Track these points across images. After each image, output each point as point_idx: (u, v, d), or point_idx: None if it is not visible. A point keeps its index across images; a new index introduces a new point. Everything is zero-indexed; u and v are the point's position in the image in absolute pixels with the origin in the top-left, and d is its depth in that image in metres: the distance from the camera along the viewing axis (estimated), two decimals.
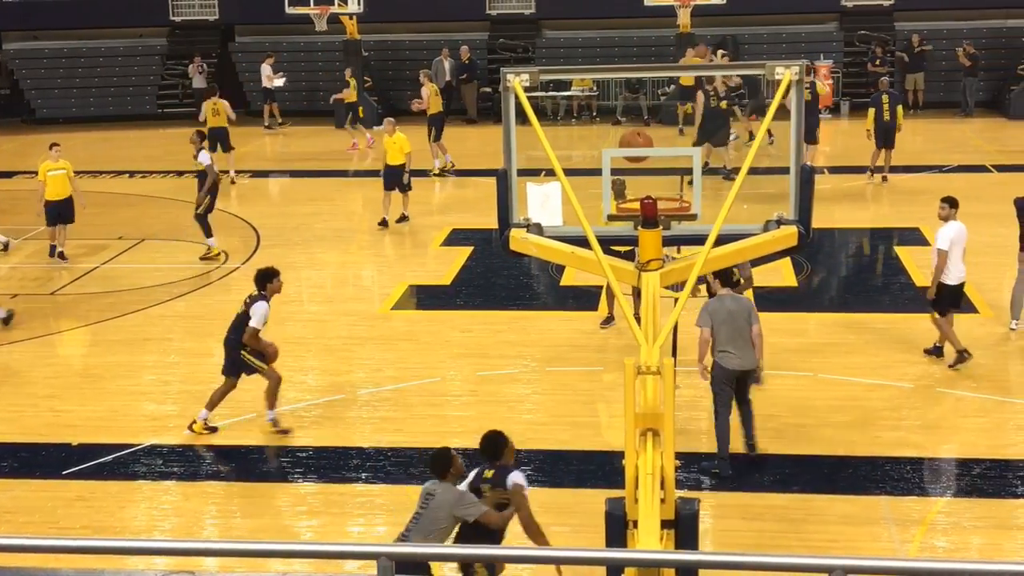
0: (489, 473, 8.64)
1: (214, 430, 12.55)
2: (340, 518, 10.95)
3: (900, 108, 22.61)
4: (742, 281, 12.57)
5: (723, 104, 22.91)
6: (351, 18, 30.69)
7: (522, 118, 8.81)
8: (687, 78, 27.07)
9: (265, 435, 12.53)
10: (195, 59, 32.91)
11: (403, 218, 20.69)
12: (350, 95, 28.19)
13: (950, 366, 13.65)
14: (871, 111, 22.48)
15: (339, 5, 30.28)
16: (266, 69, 31.05)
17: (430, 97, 25.52)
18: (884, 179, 22.72)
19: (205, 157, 18.91)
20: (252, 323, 12.18)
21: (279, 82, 30.77)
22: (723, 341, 11.38)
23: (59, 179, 18.85)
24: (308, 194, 24.13)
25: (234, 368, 12.47)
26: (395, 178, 20.45)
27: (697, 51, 27.80)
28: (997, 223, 19.54)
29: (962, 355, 13.61)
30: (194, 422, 12.52)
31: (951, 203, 13.85)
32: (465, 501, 8.34)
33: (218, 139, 23.99)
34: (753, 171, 9.15)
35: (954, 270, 13.66)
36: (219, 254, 18.90)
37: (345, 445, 12.35)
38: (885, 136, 22.43)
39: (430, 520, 8.30)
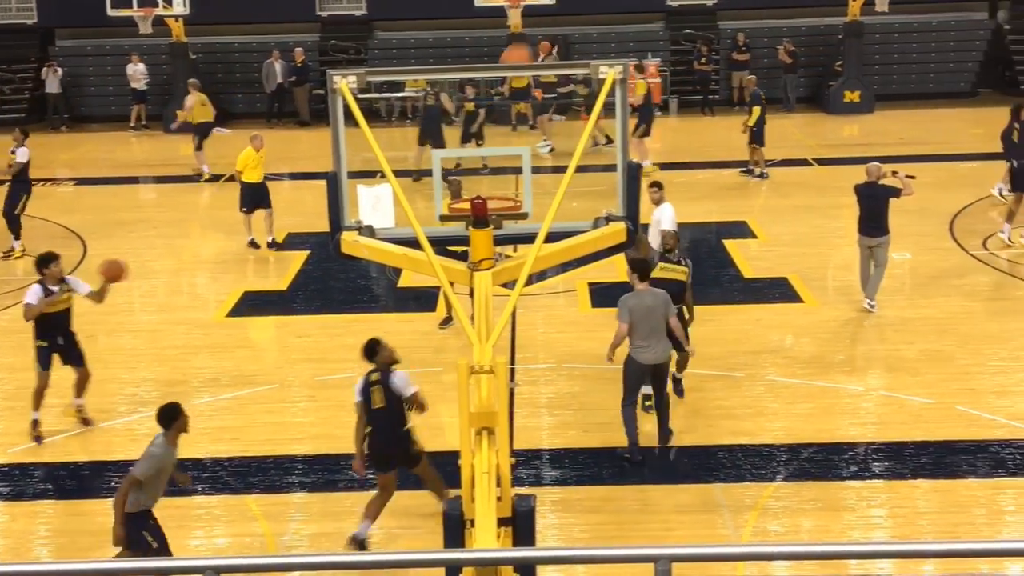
0: (375, 376, 10.14)
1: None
2: (178, 532, 10.68)
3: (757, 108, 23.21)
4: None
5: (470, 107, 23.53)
6: (177, 20, 30.01)
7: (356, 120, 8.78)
8: (519, 79, 27.31)
9: (92, 452, 12.19)
10: (50, 63, 31.69)
11: (274, 243, 19.22)
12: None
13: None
14: (756, 109, 22.83)
15: (164, 7, 29.56)
16: (131, 69, 30.29)
17: (195, 107, 24.91)
18: (763, 175, 23.20)
19: (23, 154, 18.40)
20: (25, 299, 12.24)
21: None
22: (640, 336, 11.50)
23: None
24: (138, 200, 23.52)
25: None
26: (261, 195, 19.28)
27: (516, 48, 28.11)
28: (819, 215, 20.30)
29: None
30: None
31: (660, 186, 14.74)
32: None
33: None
34: (582, 168, 9.29)
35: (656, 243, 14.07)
36: (21, 255, 18.57)
37: (181, 457, 12.02)
38: (763, 136, 22.94)
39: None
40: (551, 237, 8.97)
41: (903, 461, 11.64)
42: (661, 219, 14.44)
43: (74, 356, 12.61)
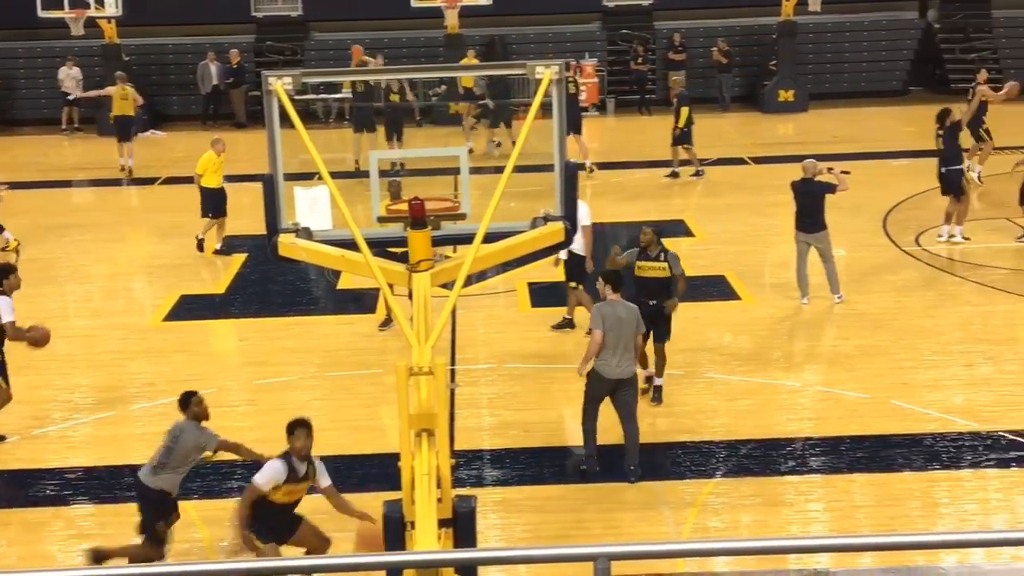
0: None
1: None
2: (119, 539, 10.56)
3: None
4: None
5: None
6: (109, 21, 29.63)
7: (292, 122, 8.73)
8: (469, 81, 27.29)
9: (25, 460, 12.02)
10: None
11: (224, 250, 18.87)
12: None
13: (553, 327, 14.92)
14: (684, 110, 22.90)
15: (96, 8, 29.15)
16: (63, 73, 30.00)
17: (115, 98, 24.97)
18: (699, 173, 23.31)
19: None
20: (4, 319, 11.83)
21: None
22: (607, 349, 11.16)
23: None
24: (72, 204, 23.21)
25: None
26: (221, 200, 18.84)
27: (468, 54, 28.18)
28: (755, 213, 20.49)
29: (570, 322, 14.84)
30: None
31: None
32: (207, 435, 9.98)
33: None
34: (520, 168, 9.31)
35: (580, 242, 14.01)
36: None
37: (119, 464, 11.92)
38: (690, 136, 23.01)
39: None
40: (490, 237, 8.97)
41: (840, 456, 11.78)
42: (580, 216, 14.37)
43: None
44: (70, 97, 30.14)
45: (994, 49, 32.33)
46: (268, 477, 9.20)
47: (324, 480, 9.48)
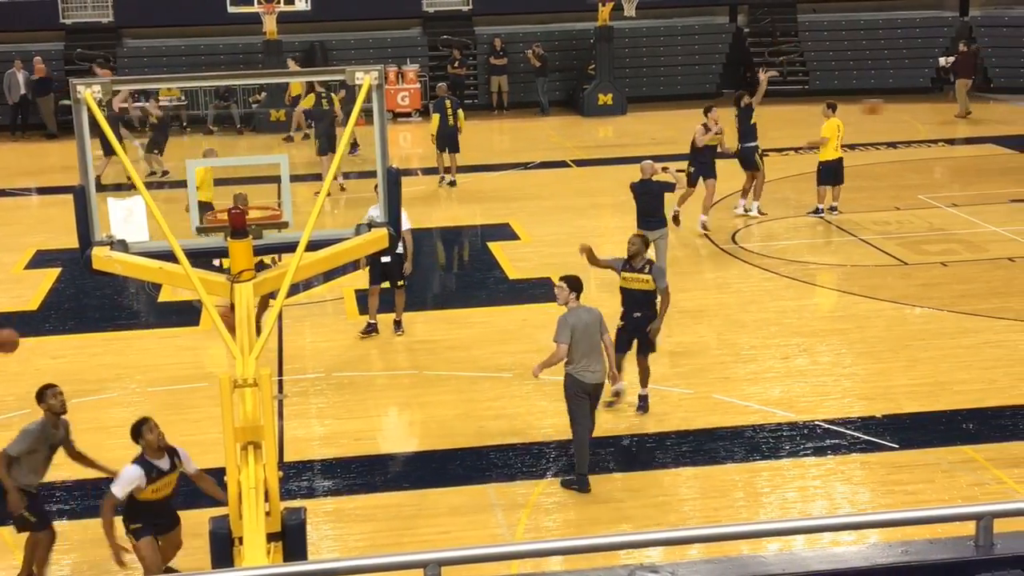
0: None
1: None
2: None
3: (461, 112, 23.47)
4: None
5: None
6: None
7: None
8: (298, 87, 26.94)
9: None
10: None
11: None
12: None
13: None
14: (435, 117, 23.13)
15: None
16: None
17: None
18: (452, 183, 23.37)
19: None
20: None
21: None
22: (580, 355, 11.01)
23: None
24: None
25: None
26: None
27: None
28: (579, 215, 20.79)
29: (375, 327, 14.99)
30: None
31: None
32: None
33: None
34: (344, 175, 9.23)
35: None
36: None
37: None
38: (450, 141, 23.13)
39: None
40: (314, 245, 8.87)
41: (665, 450, 12.04)
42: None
43: None
44: None
45: (800, 52, 33.58)
46: (123, 485, 9.08)
47: (190, 466, 9.44)
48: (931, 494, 10.94)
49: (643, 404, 12.82)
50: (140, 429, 9.36)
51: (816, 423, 12.47)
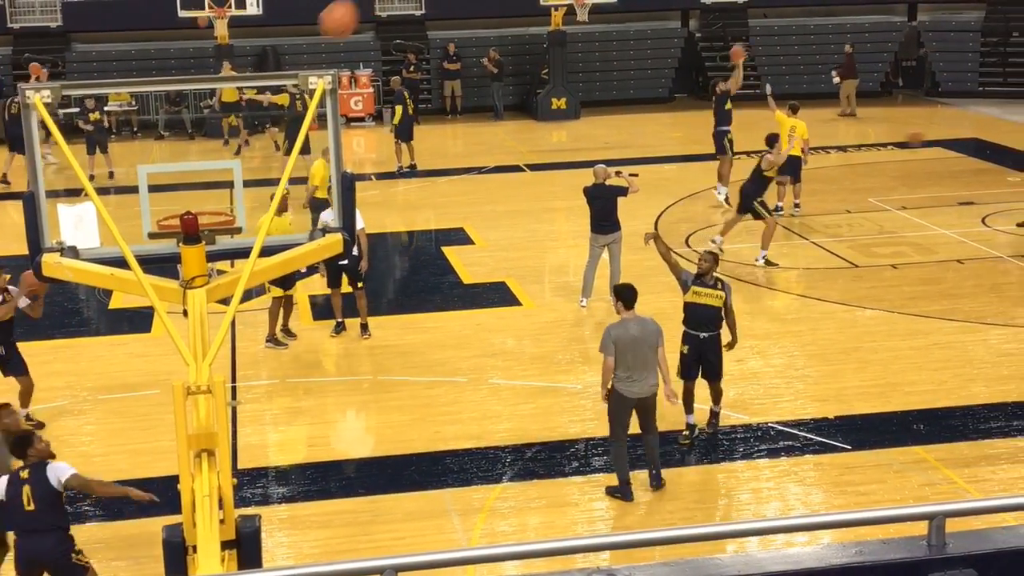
0: (25, 473, 8.66)
1: None
2: None
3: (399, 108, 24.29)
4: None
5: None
6: None
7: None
8: (230, 93, 26.78)
9: None
10: None
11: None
12: None
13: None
14: (399, 108, 23.70)
15: None
16: None
17: None
18: (413, 166, 24.56)
19: None
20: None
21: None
22: (626, 367, 10.81)
23: None
24: None
25: None
26: None
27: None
28: (533, 219, 20.81)
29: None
30: None
31: None
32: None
33: None
34: (296, 180, 9.18)
35: None
36: None
37: None
38: (409, 130, 24.11)
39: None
40: (267, 251, 8.81)
41: None
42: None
43: (14, 366, 12.58)
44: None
45: (752, 56, 33.81)
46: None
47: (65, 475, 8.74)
48: (883, 494, 11.04)
49: (714, 421, 12.43)
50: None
51: (769, 425, 12.55)
